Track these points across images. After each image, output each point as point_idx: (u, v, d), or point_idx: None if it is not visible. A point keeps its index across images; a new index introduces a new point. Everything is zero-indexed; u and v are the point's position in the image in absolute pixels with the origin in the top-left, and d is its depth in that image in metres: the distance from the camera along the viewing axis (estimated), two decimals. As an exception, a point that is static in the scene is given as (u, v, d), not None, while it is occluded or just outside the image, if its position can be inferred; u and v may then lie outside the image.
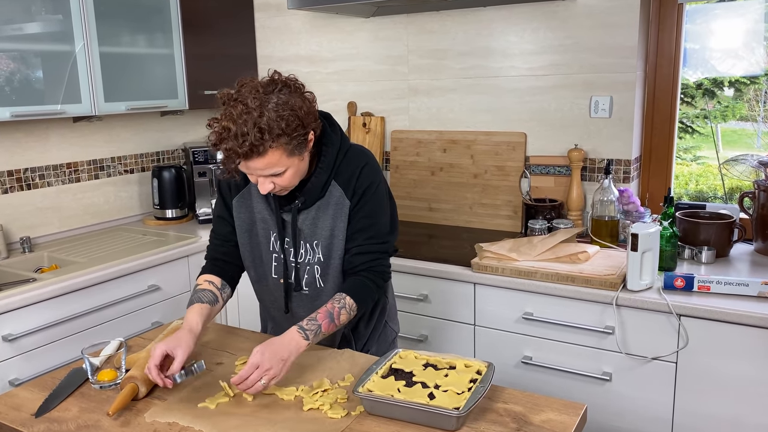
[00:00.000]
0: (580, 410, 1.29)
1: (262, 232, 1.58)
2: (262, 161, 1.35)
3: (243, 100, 1.31)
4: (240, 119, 1.29)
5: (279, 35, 3.14)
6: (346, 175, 1.52)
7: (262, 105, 1.31)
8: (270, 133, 1.30)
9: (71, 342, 2.16)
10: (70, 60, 2.39)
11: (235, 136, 1.30)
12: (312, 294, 1.59)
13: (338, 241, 1.53)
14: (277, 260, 1.58)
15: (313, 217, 1.53)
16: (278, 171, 1.38)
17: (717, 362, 1.82)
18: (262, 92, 1.33)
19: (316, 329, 1.42)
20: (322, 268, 1.56)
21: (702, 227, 2.19)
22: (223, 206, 1.63)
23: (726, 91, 2.73)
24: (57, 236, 2.70)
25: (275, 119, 1.31)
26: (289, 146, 1.35)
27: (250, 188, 1.57)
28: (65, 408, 1.35)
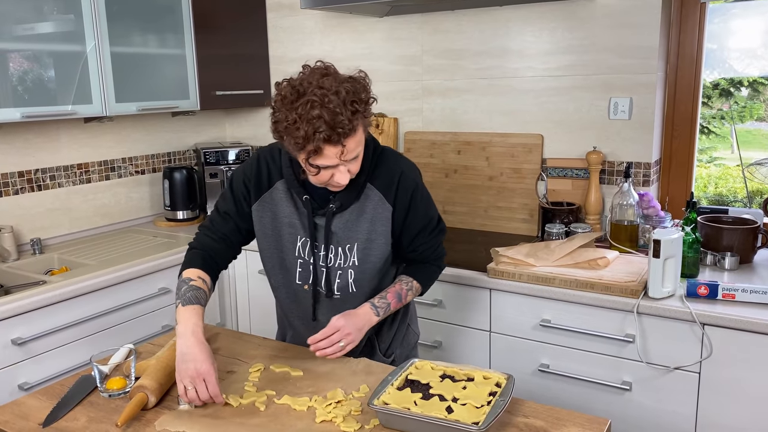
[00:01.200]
0: (603, 426, 1.24)
1: (288, 237, 1.54)
2: (355, 139, 1.33)
3: (316, 86, 1.29)
4: (328, 103, 1.27)
5: (291, 35, 3.10)
6: (384, 179, 1.50)
7: (340, 82, 1.30)
8: (359, 105, 1.30)
9: (81, 345, 2.14)
10: (81, 60, 2.36)
11: (328, 122, 1.27)
12: (342, 298, 1.55)
13: (377, 245, 1.51)
14: (302, 266, 1.54)
15: (346, 221, 1.50)
16: (358, 151, 1.37)
17: (742, 373, 1.76)
18: (321, 76, 1.31)
19: (385, 307, 1.49)
20: (356, 272, 1.52)
21: (725, 233, 2.13)
22: (233, 205, 1.57)
23: (743, 92, 2.67)
24: (67, 238, 2.68)
25: (354, 91, 1.31)
26: (365, 120, 1.36)
27: (272, 193, 1.53)
28: (73, 417, 1.32)
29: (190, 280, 1.48)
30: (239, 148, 2.98)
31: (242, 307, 2.73)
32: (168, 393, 1.41)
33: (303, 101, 1.28)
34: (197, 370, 1.31)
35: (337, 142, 1.29)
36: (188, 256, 1.56)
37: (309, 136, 1.28)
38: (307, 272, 1.54)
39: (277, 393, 1.39)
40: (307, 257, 1.53)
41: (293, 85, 1.32)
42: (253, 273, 2.65)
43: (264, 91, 3.17)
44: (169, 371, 1.42)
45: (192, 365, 1.31)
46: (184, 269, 1.53)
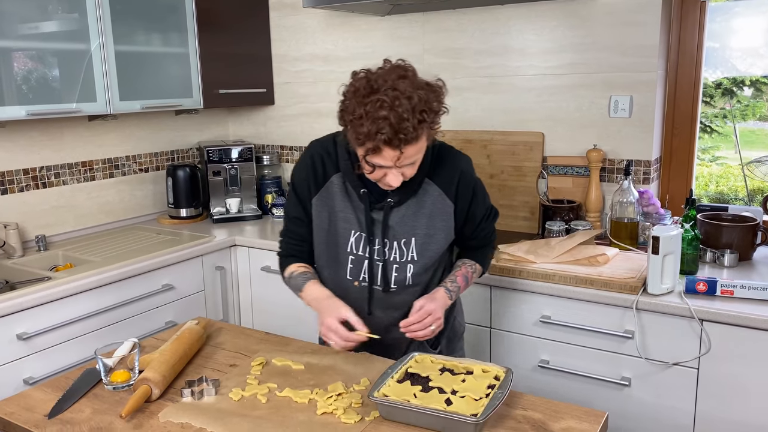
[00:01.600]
0: (601, 418, 1.25)
1: (342, 231, 1.53)
2: (416, 147, 1.33)
3: (390, 87, 1.28)
4: (398, 106, 1.26)
5: (294, 34, 3.12)
6: (444, 176, 1.51)
7: (412, 88, 1.29)
8: (428, 115, 1.30)
9: (86, 341, 2.16)
10: (85, 59, 2.38)
11: (392, 124, 1.26)
12: (398, 290, 1.55)
13: (436, 240, 1.52)
14: (354, 261, 1.54)
15: (403, 215, 1.50)
16: (416, 158, 1.36)
17: (740, 369, 1.78)
18: (398, 77, 1.31)
19: (457, 290, 1.54)
20: (415, 266, 1.52)
21: (724, 230, 2.15)
22: (299, 207, 1.59)
23: (746, 91, 2.68)
24: (72, 235, 2.70)
25: (425, 100, 1.30)
26: (430, 130, 1.35)
27: (329, 187, 1.54)
28: (78, 409, 1.34)
29: (294, 273, 1.60)
30: (242, 146, 3.00)
31: (245, 305, 2.75)
32: (171, 385, 1.43)
33: (373, 99, 1.28)
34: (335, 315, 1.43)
35: (396, 146, 1.29)
36: (281, 263, 1.67)
37: (371, 135, 1.28)
38: (359, 268, 1.54)
39: (278, 386, 1.41)
40: (361, 252, 1.52)
41: (369, 78, 1.32)
42: (255, 270, 2.67)
43: (266, 89, 3.19)
44: (172, 364, 1.44)
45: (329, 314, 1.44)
46: (284, 271, 1.64)
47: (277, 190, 3.12)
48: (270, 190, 3.11)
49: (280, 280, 2.58)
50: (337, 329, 1.42)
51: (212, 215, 2.96)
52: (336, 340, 1.42)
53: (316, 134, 3.14)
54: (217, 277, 2.64)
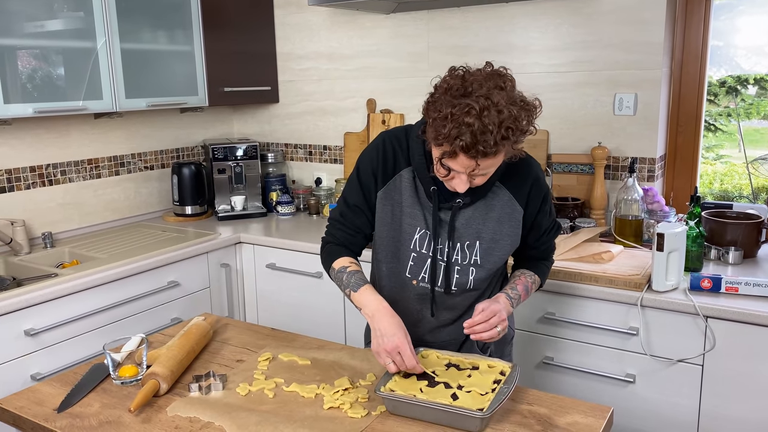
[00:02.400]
0: (606, 413, 1.26)
1: (407, 227, 1.48)
2: (492, 161, 1.28)
3: (484, 95, 1.24)
4: (485, 117, 1.22)
5: (299, 32, 3.13)
6: (516, 180, 1.47)
7: (505, 102, 1.24)
8: (509, 136, 1.24)
9: (92, 337, 2.17)
10: (91, 56, 2.40)
11: (474, 133, 1.22)
12: (458, 292, 1.51)
13: (502, 245, 1.47)
14: (415, 260, 1.49)
15: (469, 217, 1.46)
16: (491, 172, 1.34)
17: (745, 366, 1.78)
18: (495, 86, 1.26)
19: (518, 298, 1.49)
20: (477, 270, 1.48)
21: (729, 227, 2.15)
22: (361, 196, 1.52)
23: (750, 89, 2.68)
24: (78, 232, 2.72)
25: (516, 117, 1.24)
26: (511, 148, 1.30)
27: (397, 181, 1.49)
28: (87, 404, 1.35)
29: (346, 268, 1.49)
30: (247, 144, 3.01)
31: (250, 302, 2.76)
32: (179, 380, 1.44)
33: (463, 102, 1.24)
34: (393, 344, 1.33)
35: (473, 156, 1.25)
36: (328, 250, 1.56)
37: (450, 138, 1.24)
38: (420, 267, 1.49)
39: (285, 381, 1.42)
40: (425, 250, 1.48)
41: (465, 79, 1.28)
42: (260, 267, 2.68)
43: (271, 87, 3.20)
44: (180, 359, 1.45)
45: (387, 340, 1.33)
46: (331, 261, 1.53)
47: (281, 187, 3.13)
48: (275, 187, 3.12)
49: (285, 278, 2.62)
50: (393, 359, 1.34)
51: (217, 213, 2.97)
52: (392, 369, 1.34)
53: (321, 132, 3.19)
54: (223, 274, 2.65)
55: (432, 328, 1.56)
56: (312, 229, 2.75)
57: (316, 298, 2.56)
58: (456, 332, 1.55)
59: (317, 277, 2.53)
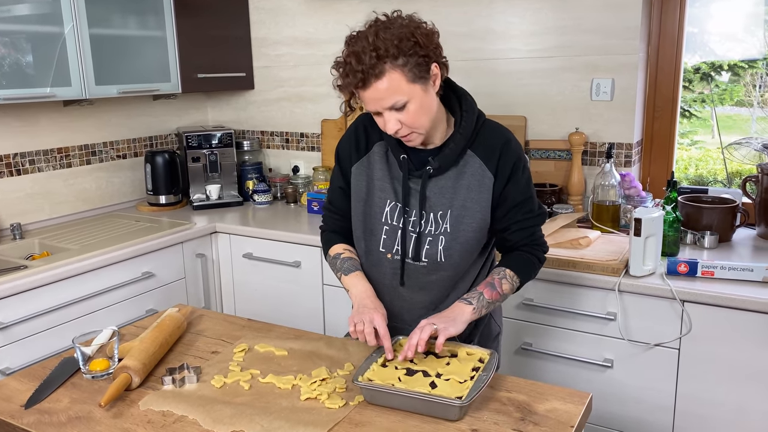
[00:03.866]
0: (585, 399, 1.26)
1: (378, 201, 1.50)
2: (381, 85, 1.30)
3: (360, 32, 1.33)
4: (358, 47, 1.30)
5: (274, 17, 3.07)
6: (486, 147, 1.45)
7: (378, 30, 1.31)
8: (386, 52, 1.28)
9: (64, 330, 2.12)
10: (59, 42, 2.32)
11: (350, 63, 1.30)
12: (429, 267, 1.48)
13: (471, 212, 1.45)
14: (388, 233, 1.49)
15: (442, 187, 1.46)
16: (400, 101, 1.32)
17: (720, 348, 1.80)
18: (378, 23, 1.34)
19: (477, 296, 1.44)
20: (447, 239, 1.46)
21: (705, 212, 2.16)
22: (340, 175, 1.58)
23: (723, 76, 2.70)
24: (48, 223, 2.65)
25: (390, 38, 1.29)
26: (407, 69, 1.31)
27: (370, 157, 1.51)
28: (56, 399, 1.32)
29: (340, 255, 1.56)
30: (222, 131, 2.95)
31: (226, 292, 2.72)
32: (152, 373, 1.41)
33: (344, 51, 1.34)
34: (370, 315, 1.39)
35: (359, 85, 1.31)
36: (325, 238, 1.65)
37: (340, 81, 1.34)
38: (393, 239, 1.49)
39: (261, 372, 1.40)
40: (396, 222, 1.48)
41: (353, 33, 1.35)
42: (237, 257, 2.65)
43: (246, 73, 3.15)
44: (152, 352, 1.41)
45: (366, 311, 1.41)
46: (327, 248, 1.62)
47: (258, 176, 3.09)
48: (251, 176, 3.08)
49: (262, 267, 2.59)
50: (367, 335, 1.37)
51: (192, 202, 2.92)
52: (359, 330, 1.39)
53: (297, 119, 3.14)
54: (198, 264, 2.61)
55: (409, 307, 1.53)
56: (289, 218, 2.72)
57: (294, 288, 2.53)
58: None
59: (295, 267, 2.50)
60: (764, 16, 2.47)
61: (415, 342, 1.32)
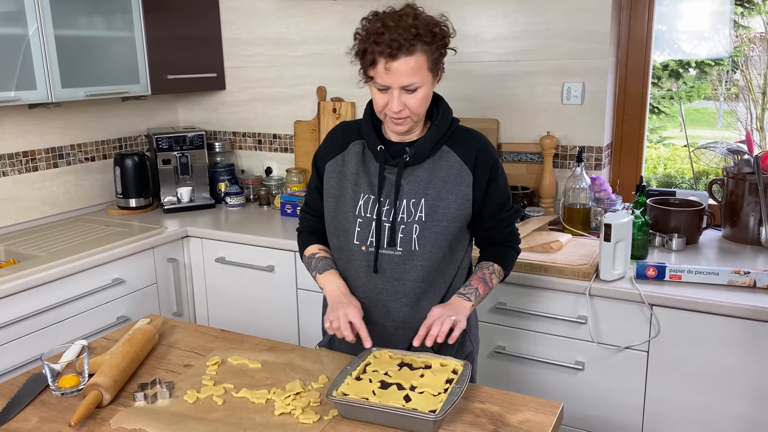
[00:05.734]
0: (557, 409, 1.28)
1: (351, 194, 1.53)
2: (409, 63, 1.37)
3: (396, 12, 1.40)
4: (393, 20, 1.37)
5: (245, 17, 3.04)
6: (463, 145, 1.53)
7: (415, 12, 1.40)
8: (423, 34, 1.37)
9: (33, 339, 2.08)
10: (23, 44, 2.27)
11: (382, 33, 1.35)
12: (404, 256, 1.51)
13: (446, 203, 1.50)
14: (362, 225, 1.52)
15: (416, 176, 1.50)
16: (415, 83, 1.39)
17: (687, 351, 1.84)
18: (413, 7, 1.43)
19: (474, 291, 1.51)
20: (421, 227, 1.49)
21: (672, 215, 2.20)
22: (316, 177, 1.63)
23: (691, 72, 2.75)
24: (14, 228, 2.59)
25: (426, 23, 1.39)
26: (432, 57, 1.41)
27: (345, 155, 1.56)
28: (24, 418, 1.29)
29: (315, 254, 1.61)
30: (193, 132, 2.91)
31: (199, 297, 2.70)
32: (123, 390, 1.39)
33: (374, 20, 1.40)
34: (345, 311, 1.45)
35: (389, 55, 1.35)
36: (301, 240, 1.69)
37: (368, 46, 1.38)
38: (367, 231, 1.52)
39: (235, 386, 1.39)
40: (369, 213, 1.51)
41: (374, 12, 1.43)
42: (209, 262, 2.62)
43: (217, 74, 3.11)
44: (123, 367, 1.39)
45: (342, 307, 1.46)
46: (303, 249, 1.66)
47: (230, 178, 3.06)
48: (223, 178, 3.04)
49: (236, 272, 2.57)
50: (343, 329, 1.44)
51: (163, 205, 2.88)
52: (336, 327, 1.45)
53: (270, 120, 3.12)
54: (170, 269, 2.58)
55: (385, 299, 1.53)
56: (263, 221, 2.70)
57: (268, 292, 2.52)
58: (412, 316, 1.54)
59: (269, 271, 2.49)
60: (730, 15, 2.53)
61: (436, 332, 1.39)
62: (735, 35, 2.57)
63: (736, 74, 2.69)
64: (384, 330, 1.56)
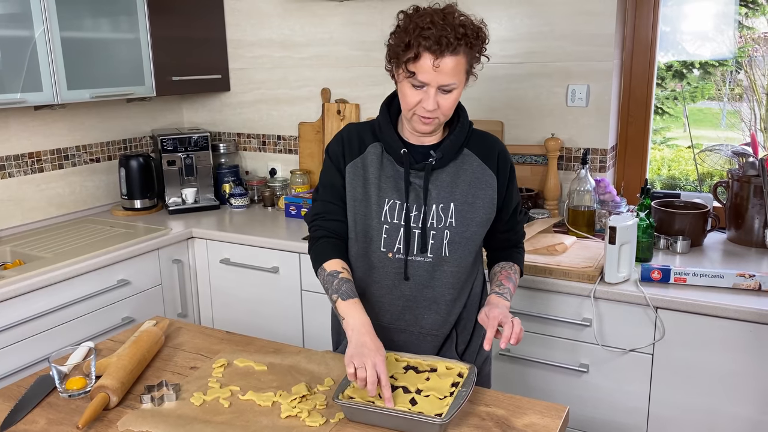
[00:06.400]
0: (562, 413, 1.28)
1: (376, 199, 1.48)
2: (452, 62, 1.34)
3: (440, 8, 1.38)
4: (440, 17, 1.34)
5: (249, 18, 3.04)
6: (483, 148, 1.51)
7: (460, 14, 1.38)
8: (469, 36, 1.35)
9: (39, 341, 2.09)
10: (29, 46, 2.27)
11: (433, 28, 1.32)
12: (434, 262, 1.48)
13: (476, 208, 1.48)
14: (388, 231, 1.48)
15: (442, 181, 1.47)
16: (453, 84, 1.37)
17: (692, 354, 1.84)
18: (445, 5, 1.40)
19: (507, 291, 1.50)
20: (452, 233, 1.47)
21: (677, 217, 2.20)
22: (336, 174, 1.52)
23: (695, 72, 2.75)
24: (20, 229, 2.60)
25: (473, 26, 1.37)
26: (470, 59, 1.39)
27: (365, 158, 1.50)
28: (32, 420, 1.30)
29: (338, 273, 1.45)
30: (197, 134, 2.92)
31: (204, 299, 2.70)
32: (130, 392, 1.40)
33: (419, 14, 1.37)
34: (372, 360, 1.27)
35: (435, 52, 1.32)
36: (317, 250, 1.51)
37: (413, 40, 1.33)
38: (394, 237, 1.48)
39: (241, 389, 1.39)
40: (396, 220, 1.47)
41: (416, 7, 1.40)
42: (214, 263, 2.63)
43: (222, 75, 3.11)
44: (130, 369, 1.40)
45: (368, 352, 1.28)
46: (321, 262, 1.49)
47: (234, 179, 3.07)
48: (227, 179, 3.05)
49: (240, 273, 2.57)
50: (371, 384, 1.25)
51: (168, 206, 2.89)
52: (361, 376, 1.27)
53: (274, 121, 3.13)
54: (175, 270, 2.59)
55: (412, 306, 1.52)
56: (267, 222, 2.70)
57: (272, 294, 2.53)
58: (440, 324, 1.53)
59: (273, 272, 2.49)
60: (734, 15, 2.52)
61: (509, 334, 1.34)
62: (739, 36, 2.57)
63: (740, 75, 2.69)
64: (413, 337, 1.54)
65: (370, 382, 1.24)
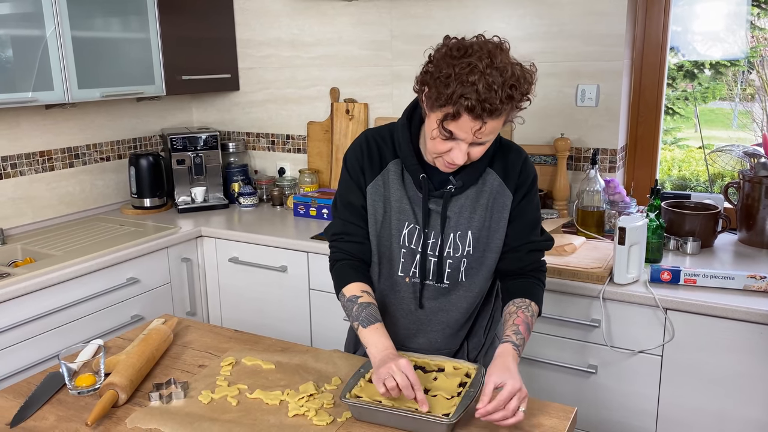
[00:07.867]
0: (570, 414, 1.27)
1: (396, 223, 1.43)
2: (495, 123, 1.23)
3: (486, 54, 1.21)
4: (489, 75, 1.19)
5: (259, 18, 3.05)
6: (504, 164, 1.42)
7: (507, 62, 1.22)
8: (515, 97, 1.22)
9: (49, 338, 2.10)
10: (40, 45, 2.29)
11: (479, 92, 1.18)
12: (450, 287, 1.45)
13: (496, 234, 1.42)
14: (406, 255, 1.44)
15: (461, 206, 1.41)
16: (489, 139, 1.28)
17: (702, 356, 1.82)
18: (494, 47, 1.23)
19: (522, 343, 1.35)
20: (470, 261, 1.42)
21: (687, 218, 2.19)
22: (358, 192, 1.45)
23: (706, 73, 2.73)
24: (31, 227, 2.62)
25: (518, 77, 1.22)
26: (513, 112, 1.26)
27: (384, 175, 1.43)
28: (41, 416, 1.31)
29: (357, 298, 1.39)
30: (207, 133, 2.93)
31: (212, 297, 2.71)
32: (139, 389, 1.40)
33: (466, 61, 1.21)
34: (405, 381, 1.21)
35: (478, 116, 1.21)
36: (338, 271, 1.47)
37: (455, 97, 1.20)
38: (411, 262, 1.44)
39: (249, 387, 1.40)
40: (414, 245, 1.43)
41: (463, 44, 1.24)
42: (223, 262, 2.64)
43: (231, 75, 3.12)
44: (139, 367, 1.41)
45: (393, 364, 1.24)
46: (341, 287, 1.44)
47: (243, 178, 3.07)
48: (236, 178, 3.06)
49: (249, 272, 2.58)
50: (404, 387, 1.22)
51: (177, 205, 2.90)
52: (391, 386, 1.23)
53: (283, 121, 3.13)
54: (184, 269, 2.60)
55: (427, 329, 1.51)
56: (275, 221, 2.71)
57: (281, 293, 2.53)
58: (452, 341, 1.53)
59: (281, 271, 2.50)
60: (746, 16, 2.50)
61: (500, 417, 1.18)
62: (751, 36, 2.55)
63: (752, 75, 2.67)
64: (425, 353, 1.50)
65: (404, 386, 1.20)
